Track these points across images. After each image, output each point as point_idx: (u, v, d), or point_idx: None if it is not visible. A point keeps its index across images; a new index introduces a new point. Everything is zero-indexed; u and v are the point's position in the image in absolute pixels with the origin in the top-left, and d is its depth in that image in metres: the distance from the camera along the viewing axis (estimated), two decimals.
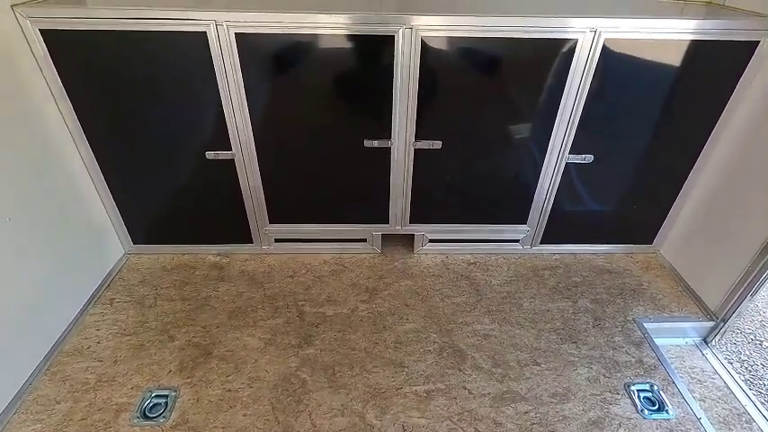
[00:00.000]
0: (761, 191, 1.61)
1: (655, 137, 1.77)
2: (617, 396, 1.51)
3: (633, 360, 1.64)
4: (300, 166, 1.83)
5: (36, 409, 1.42)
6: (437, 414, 1.44)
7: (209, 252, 2.08)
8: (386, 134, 1.72)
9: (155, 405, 1.44)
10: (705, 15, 1.58)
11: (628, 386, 1.54)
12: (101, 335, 1.67)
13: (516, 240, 2.10)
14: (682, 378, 1.66)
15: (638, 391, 1.53)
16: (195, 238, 2.04)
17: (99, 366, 1.55)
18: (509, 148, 1.79)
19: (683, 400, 1.51)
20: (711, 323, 1.82)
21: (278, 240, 2.06)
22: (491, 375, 1.56)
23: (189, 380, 1.52)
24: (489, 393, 1.50)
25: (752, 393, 1.66)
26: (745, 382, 1.73)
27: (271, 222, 1.99)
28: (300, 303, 1.83)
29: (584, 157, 1.80)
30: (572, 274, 2.02)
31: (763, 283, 1.65)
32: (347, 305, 1.83)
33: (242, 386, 1.50)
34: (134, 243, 2.03)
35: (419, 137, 1.73)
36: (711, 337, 1.84)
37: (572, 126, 1.72)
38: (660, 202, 1.99)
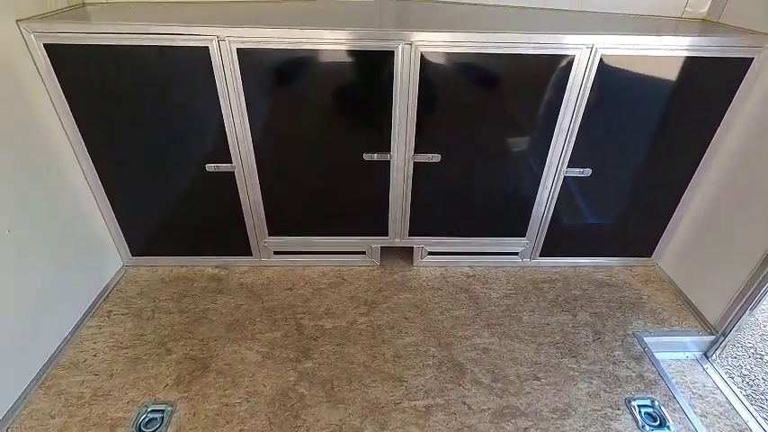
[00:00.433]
0: (759, 204, 1.61)
1: (652, 151, 1.78)
2: (618, 412, 1.50)
3: (634, 375, 1.62)
4: (300, 178, 1.84)
5: (30, 424, 1.40)
6: (436, 430, 1.42)
7: (207, 264, 2.07)
8: (385, 147, 1.74)
9: (150, 420, 1.42)
10: (700, 32, 1.61)
11: (629, 401, 1.53)
12: (97, 348, 1.66)
13: (515, 253, 2.10)
14: (683, 393, 1.65)
15: (639, 406, 1.51)
16: (194, 250, 2.04)
17: (95, 380, 1.54)
18: (508, 161, 1.81)
19: (684, 415, 1.49)
20: (711, 337, 1.82)
21: (277, 253, 2.06)
22: (491, 390, 1.55)
23: (186, 394, 1.50)
24: (489, 409, 1.49)
25: (753, 409, 1.64)
26: (746, 397, 1.71)
27: (270, 235, 1.99)
28: (299, 316, 1.82)
29: (582, 170, 1.82)
30: (571, 288, 2.02)
31: (762, 297, 1.65)
32: (346, 318, 1.82)
33: (239, 401, 1.49)
34: (132, 255, 2.03)
35: (418, 150, 1.75)
36: (712, 351, 1.83)
37: (570, 140, 1.73)
38: (658, 216, 2.00)
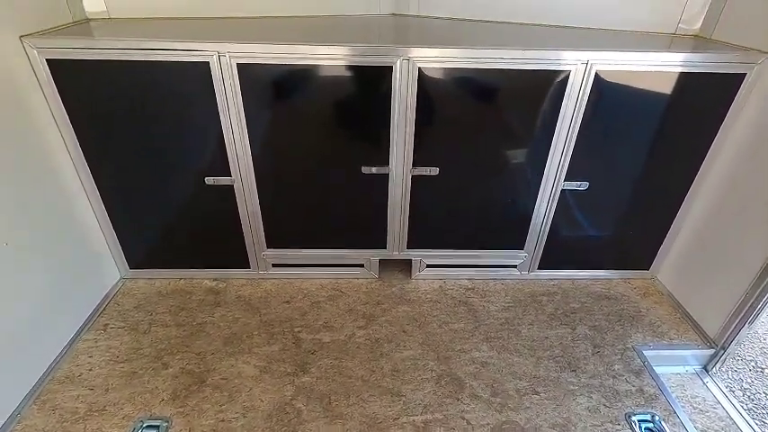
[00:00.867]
0: (755, 218, 1.62)
1: (648, 164, 1.80)
2: (618, 427, 1.48)
3: (633, 389, 1.61)
4: (299, 191, 1.84)
5: None
6: None
7: (205, 277, 2.07)
8: (384, 161, 1.75)
9: None
10: (693, 48, 1.64)
11: (629, 416, 1.51)
12: (93, 362, 1.65)
13: (514, 266, 2.10)
14: (683, 408, 1.63)
15: (639, 421, 1.50)
16: (192, 262, 2.04)
17: (90, 395, 1.52)
18: (505, 174, 1.82)
19: (685, 431, 1.48)
20: (711, 351, 1.81)
21: (275, 265, 2.06)
22: (490, 405, 1.54)
23: (182, 409, 1.49)
24: (488, 424, 1.47)
25: (755, 423, 1.63)
26: (747, 411, 1.70)
27: (268, 247, 1.99)
28: (297, 330, 1.81)
29: (579, 183, 1.83)
30: (570, 301, 2.02)
31: (761, 311, 1.65)
32: (344, 331, 1.81)
33: (236, 416, 1.47)
34: (130, 268, 2.03)
35: (416, 163, 1.76)
36: (712, 364, 1.83)
37: (567, 153, 1.75)
38: (656, 229, 2.01)
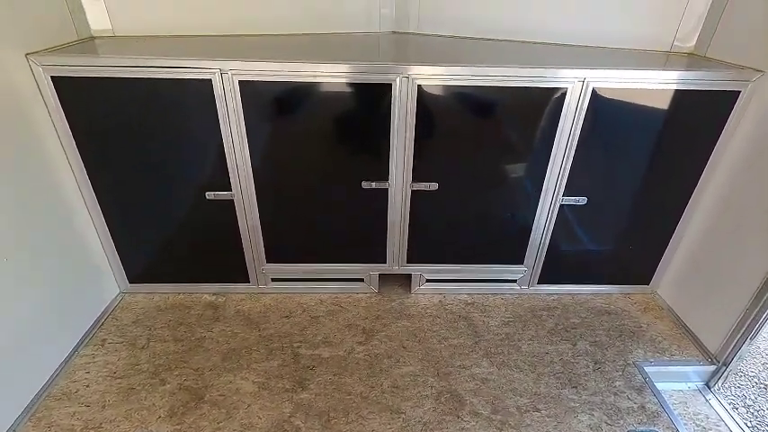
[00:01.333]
0: (754, 232, 1.63)
1: (646, 179, 1.81)
2: None
3: (635, 406, 1.60)
4: (299, 206, 1.85)
5: None
6: None
7: (205, 291, 2.06)
8: (383, 176, 1.76)
9: None
10: (687, 66, 1.67)
11: None
12: (90, 378, 1.63)
13: (514, 280, 2.10)
14: (686, 425, 1.62)
15: None
16: (192, 277, 2.04)
17: (86, 411, 1.51)
18: (504, 189, 1.83)
19: None
20: (713, 367, 1.80)
21: (275, 280, 2.05)
22: (490, 422, 1.52)
23: (179, 426, 1.47)
24: None
25: None
26: (751, 429, 1.68)
27: (268, 262, 1.99)
28: (296, 345, 1.80)
29: (577, 199, 1.84)
30: (570, 316, 2.01)
31: (762, 326, 1.64)
32: (343, 347, 1.80)
33: None
34: (130, 282, 2.02)
35: (416, 178, 1.77)
36: (714, 381, 1.81)
37: (565, 169, 1.76)
38: (655, 244, 2.01)
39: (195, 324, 1.89)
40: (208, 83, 1.53)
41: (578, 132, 1.67)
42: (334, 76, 1.54)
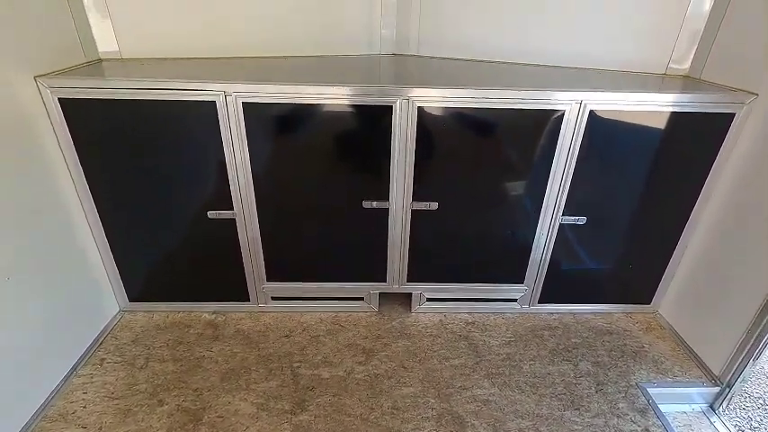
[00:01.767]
0: (754, 252, 1.63)
1: (645, 200, 1.82)
2: None
3: (639, 429, 1.58)
4: (300, 225, 1.87)
5: None
6: None
7: (204, 310, 2.06)
8: (384, 195, 1.78)
9: None
10: (682, 89, 1.70)
11: None
12: (88, 398, 1.62)
13: (514, 300, 2.10)
14: None
15: None
16: (192, 295, 2.03)
17: None
18: (504, 209, 1.84)
19: None
20: (717, 388, 1.78)
21: (275, 298, 2.05)
22: None
23: None
24: None
25: None
26: None
27: (268, 280, 1.99)
28: (295, 365, 1.79)
29: (577, 218, 1.85)
30: (572, 335, 2.00)
31: (765, 347, 1.63)
32: (343, 367, 1.78)
33: None
34: (130, 300, 2.02)
35: (416, 198, 1.79)
36: (718, 403, 1.79)
37: (564, 189, 1.78)
38: (655, 263, 2.01)
39: (194, 343, 1.88)
40: (212, 104, 1.56)
41: (576, 153, 1.70)
42: (335, 98, 1.57)
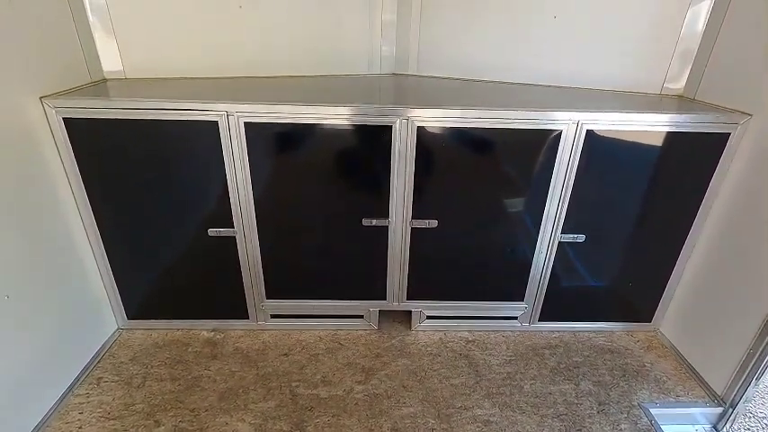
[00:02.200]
0: (754, 269, 1.63)
1: (643, 218, 1.83)
2: None
3: None
4: (300, 243, 1.87)
5: None
6: None
7: (203, 328, 2.05)
8: (384, 213, 1.79)
9: None
10: (677, 109, 1.72)
11: None
12: (84, 419, 1.60)
13: (514, 317, 2.09)
14: None
15: None
16: (191, 313, 2.03)
17: None
18: (503, 227, 1.85)
19: None
20: (720, 409, 1.76)
21: (274, 316, 2.04)
22: None
23: None
24: None
25: None
26: None
27: (268, 298, 1.99)
28: (294, 384, 1.77)
29: (576, 236, 1.86)
30: (572, 354, 1.98)
31: (766, 367, 1.62)
32: (342, 386, 1.77)
33: None
34: (128, 318, 2.01)
35: (416, 216, 1.80)
36: (722, 423, 1.77)
37: (562, 207, 1.79)
38: (655, 281, 2.01)
39: (193, 362, 1.87)
40: (214, 124, 1.59)
41: (574, 172, 1.71)
42: (335, 118, 1.60)
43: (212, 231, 1.80)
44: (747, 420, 1.89)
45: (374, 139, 1.65)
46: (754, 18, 1.60)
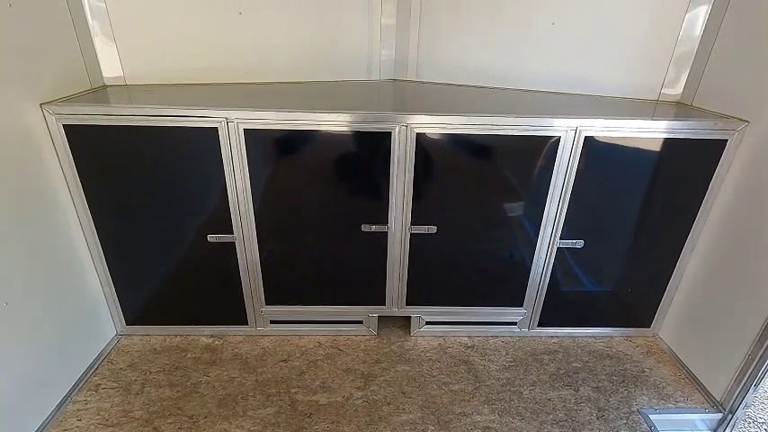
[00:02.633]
0: (752, 276, 1.64)
1: (641, 223, 1.84)
2: None
3: None
4: (299, 249, 1.87)
5: None
6: None
7: (202, 333, 2.04)
8: (383, 219, 1.79)
9: None
10: (674, 116, 1.73)
11: None
12: (82, 426, 1.59)
13: (514, 323, 2.09)
14: None
15: None
16: (190, 318, 2.02)
17: None
18: (502, 233, 1.86)
19: None
20: (719, 414, 1.76)
21: (273, 322, 2.04)
22: None
23: None
24: None
25: None
26: None
27: (267, 304, 1.98)
28: (293, 391, 1.76)
29: (574, 242, 1.86)
30: (572, 360, 1.98)
31: (766, 373, 1.62)
32: (341, 392, 1.76)
33: None
34: (127, 324, 2.01)
35: (415, 222, 1.80)
36: (721, 429, 1.77)
37: (561, 212, 1.80)
38: (654, 286, 2.02)
39: (191, 368, 1.86)
40: (214, 131, 1.59)
41: (573, 178, 1.72)
42: (334, 124, 1.60)
43: (212, 237, 1.80)
44: (747, 426, 1.89)
45: (373, 146, 1.66)
46: (751, 25, 1.61)
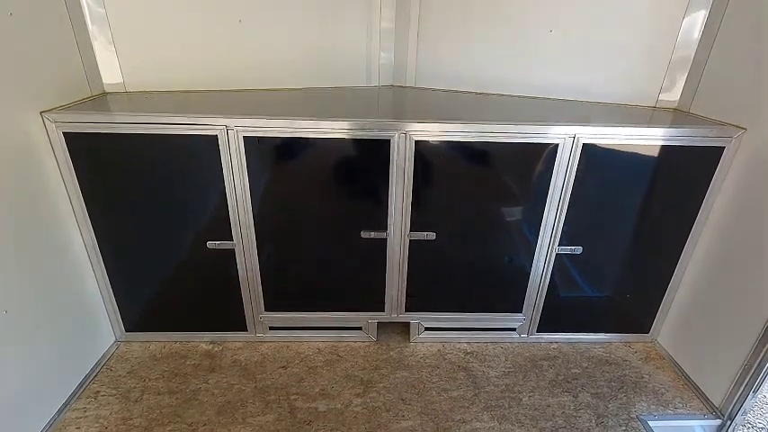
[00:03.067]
0: (751, 280, 1.64)
1: (639, 229, 1.85)
2: None
3: None
4: (299, 256, 1.88)
5: None
6: None
7: (201, 340, 2.04)
8: (382, 226, 1.80)
9: None
10: (672, 123, 1.74)
11: None
12: None
13: (513, 329, 2.09)
14: None
15: None
16: (189, 325, 2.02)
17: None
18: (500, 240, 1.86)
19: None
20: (718, 421, 1.76)
21: (272, 328, 2.04)
22: None
23: None
24: None
25: None
26: None
27: (266, 310, 1.99)
28: (292, 397, 1.76)
29: (573, 248, 1.87)
30: (571, 365, 1.98)
31: (764, 379, 1.62)
32: (341, 399, 1.76)
33: None
34: (126, 330, 2.01)
35: (414, 228, 1.81)
36: None
37: (559, 219, 1.80)
38: (652, 292, 2.02)
39: (191, 374, 1.86)
40: (214, 138, 1.60)
41: (571, 184, 1.73)
42: (334, 132, 1.61)
43: (211, 244, 1.80)
44: (746, 431, 1.89)
45: (373, 153, 1.67)
46: (748, 33, 1.63)
